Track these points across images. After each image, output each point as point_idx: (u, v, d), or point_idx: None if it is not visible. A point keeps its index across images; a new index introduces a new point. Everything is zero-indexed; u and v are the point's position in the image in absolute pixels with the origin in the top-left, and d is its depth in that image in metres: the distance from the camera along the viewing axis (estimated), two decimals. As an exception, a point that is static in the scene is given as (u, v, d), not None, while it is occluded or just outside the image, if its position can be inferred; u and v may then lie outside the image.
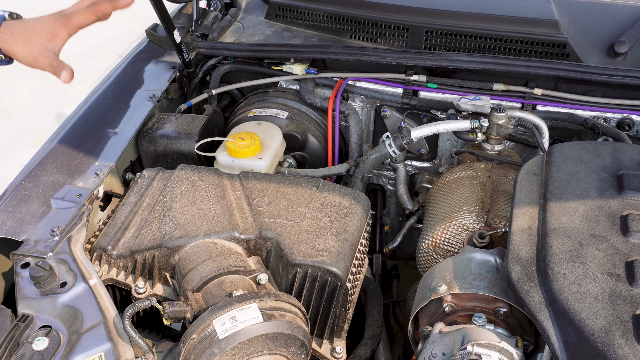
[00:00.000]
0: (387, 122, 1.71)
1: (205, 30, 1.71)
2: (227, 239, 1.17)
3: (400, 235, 1.77)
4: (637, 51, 1.49)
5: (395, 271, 1.91)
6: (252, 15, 1.80)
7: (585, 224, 1.07)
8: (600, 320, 0.90)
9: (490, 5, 1.56)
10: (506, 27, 1.50)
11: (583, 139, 1.60)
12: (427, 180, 1.74)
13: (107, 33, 5.47)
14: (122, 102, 1.51)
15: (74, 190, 1.29)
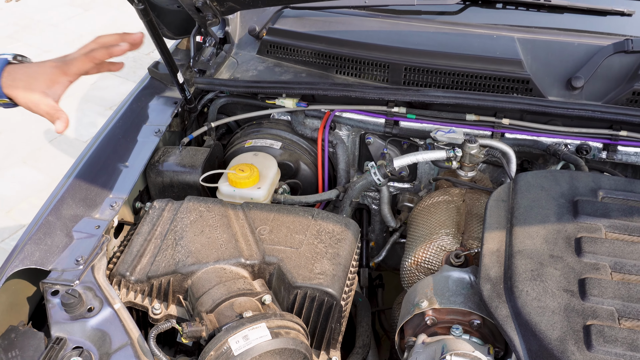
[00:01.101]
0: (371, 148, 1.87)
1: (202, 66, 1.86)
2: (234, 265, 1.32)
3: (385, 250, 1.93)
4: (592, 85, 1.67)
5: (380, 280, 2.07)
6: (245, 51, 1.95)
7: (545, 246, 1.24)
8: (556, 331, 1.08)
9: (462, 46, 1.73)
10: (476, 65, 1.68)
11: (547, 160, 1.79)
12: (408, 199, 1.91)
13: (90, 47, 5.57)
14: (130, 138, 1.65)
15: (93, 222, 1.43)
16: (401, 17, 1.90)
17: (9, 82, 1.25)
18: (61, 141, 4.32)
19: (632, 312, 1.10)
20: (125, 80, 5.19)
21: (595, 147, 1.68)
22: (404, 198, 1.91)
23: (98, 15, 6.13)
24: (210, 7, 1.67)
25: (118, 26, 5.86)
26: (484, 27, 1.83)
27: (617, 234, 1.27)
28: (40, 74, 1.27)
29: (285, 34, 1.86)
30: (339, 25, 1.87)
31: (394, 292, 2.13)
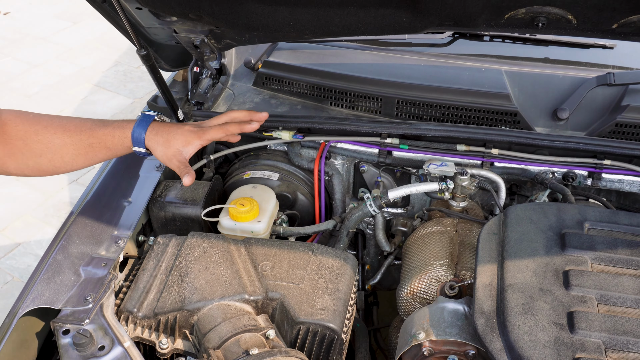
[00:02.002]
0: (365, 176, 1.94)
1: (200, 98, 1.92)
2: (238, 301, 1.38)
3: (380, 273, 1.99)
4: (577, 116, 1.75)
5: (374, 298, 2.14)
6: (241, 82, 2.01)
7: (535, 279, 1.31)
8: (547, 364, 1.14)
9: (451, 79, 1.80)
10: (466, 98, 1.75)
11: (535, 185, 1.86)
12: (402, 224, 1.97)
13: (81, 62, 5.59)
14: (132, 173, 1.70)
15: (99, 259, 1.48)
16: (392, 50, 1.97)
17: (151, 136, 1.44)
18: (53, 158, 4.34)
19: (618, 344, 1.17)
20: (115, 95, 5.22)
21: (580, 174, 1.75)
22: (398, 222, 1.97)
23: (87, 28, 6.15)
24: (208, 45, 1.73)
25: (107, 40, 5.89)
26: (472, 60, 1.90)
27: (603, 265, 1.34)
28: (178, 135, 1.46)
29: (280, 67, 1.92)
30: (332, 58, 1.93)
31: (388, 310, 2.21)
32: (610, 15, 1.41)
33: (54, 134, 1.42)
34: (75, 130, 1.43)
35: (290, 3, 1.46)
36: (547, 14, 1.42)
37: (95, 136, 1.44)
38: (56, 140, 1.42)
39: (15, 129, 1.40)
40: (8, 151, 1.40)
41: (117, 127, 1.45)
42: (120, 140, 1.45)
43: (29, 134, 1.41)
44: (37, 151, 1.41)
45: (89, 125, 1.45)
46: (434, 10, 1.42)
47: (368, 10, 1.46)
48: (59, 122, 1.44)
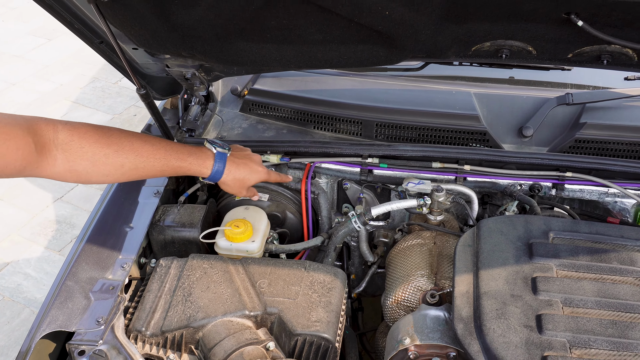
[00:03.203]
0: (348, 193, 2.08)
1: (190, 125, 2.04)
2: (239, 317, 1.50)
3: (365, 282, 2.12)
4: (540, 133, 1.92)
5: (359, 304, 2.28)
6: (229, 109, 2.13)
7: (506, 286, 1.46)
8: (520, 363, 1.29)
9: (425, 102, 1.95)
10: (439, 120, 1.90)
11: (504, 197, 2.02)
12: (383, 235, 2.11)
13: (58, 79, 5.64)
14: (132, 200, 1.82)
15: (108, 283, 1.59)
16: (369, 75, 2.12)
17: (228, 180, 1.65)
18: (37, 177, 4.40)
19: (581, 342, 1.32)
20: (94, 111, 5.29)
21: (545, 186, 1.91)
22: (379, 234, 2.12)
23: (62, 44, 6.19)
24: (198, 77, 1.85)
25: (83, 56, 5.94)
26: (443, 83, 2.06)
27: (566, 271, 1.50)
28: (253, 176, 1.69)
29: (265, 94, 2.06)
30: (314, 84, 2.07)
31: (372, 314, 2.35)
32: (566, 47, 1.57)
33: (126, 158, 1.46)
34: (149, 156, 1.49)
35: (277, 41, 1.60)
36: (509, 46, 1.58)
37: (169, 165, 1.53)
38: (127, 165, 1.47)
39: (80, 150, 1.40)
40: (69, 167, 1.40)
41: (194, 164, 1.57)
42: (194, 173, 1.60)
43: (97, 156, 1.43)
44: (104, 172, 1.45)
45: (162, 153, 1.51)
46: (408, 45, 1.57)
47: (348, 46, 1.60)
48: (130, 145, 1.47)
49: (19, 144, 1.28)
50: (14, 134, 1.27)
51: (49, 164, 1.37)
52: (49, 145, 1.36)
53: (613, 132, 1.87)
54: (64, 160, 1.39)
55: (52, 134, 1.37)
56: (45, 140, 1.35)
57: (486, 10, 1.44)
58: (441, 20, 1.48)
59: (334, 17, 1.45)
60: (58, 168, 1.39)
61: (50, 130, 1.37)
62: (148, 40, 1.57)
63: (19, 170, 1.31)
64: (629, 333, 1.33)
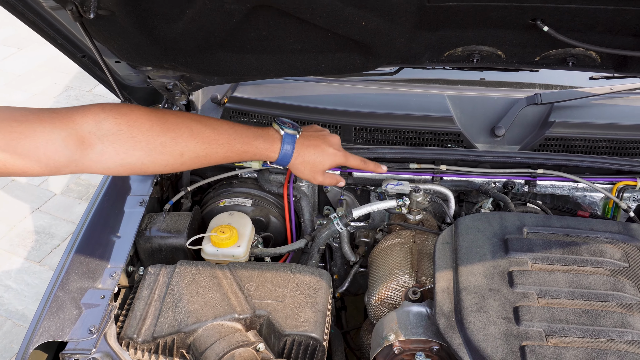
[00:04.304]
0: (329, 195, 2.13)
1: (172, 134, 2.07)
2: (229, 320, 1.55)
3: (347, 281, 2.18)
4: (511, 132, 2.00)
5: (342, 303, 2.34)
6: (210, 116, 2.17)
7: (484, 281, 1.53)
8: (499, 353, 1.35)
9: (401, 105, 2.02)
10: (415, 122, 1.97)
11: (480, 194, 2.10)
12: (364, 235, 2.17)
13: (31, 88, 5.60)
14: (118, 210, 1.85)
15: (98, 292, 1.63)
16: (346, 81, 2.18)
17: (298, 163, 1.53)
18: (14, 187, 4.39)
19: (556, 331, 1.40)
20: (69, 120, 5.26)
21: (518, 183, 1.99)
22: (361, 234, 2.18)
23: (34, 53, 6.14)
24: (180, 87, 1.89)
25: (54, 64, 5.90)
26: (418, 86, 2.13)
27: (541, 264, 1.57)
28: (326, 159, 1.57)
29: (245, 102, 2.10)
30: (293, 91, 2.12)
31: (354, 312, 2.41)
32: (533, 50, 1.65)
33: (186, 146, 1.33)
34: (211, 143, 1.37)
35: (256, 51, 1.65)
36: (480, 51, 1.65)
37: (233, 151, 1.41)
38: (188, 153, 1.34)
39: (132, 140, 1.26)
40: (121, 161, 1.28)
41: (260, 148, 1.44)
42: (260, 158, 1.47)
43: (153, 145, 1.29)
44: (162, 162, 1.32)
45: (225, 138, 1.38)
46: (384, 53, 1.63)
47: (326, 55, 1.66)
48: (189, 131, 1.33)
49: (49, 142, 1.17)
50: (41, 130, 1.16)
51: (95, 159, 1.26)
52: (89, 139, 1.23)
53: (580, 130, 1.96)
54: (114, 152, 1.27)
55: (92, 126, 1.24)
56: (84, 134, 1.23)
57: (457, 18, 1.51)
58: (415, 29, 1.54)
59: (312, 28, 1.50)
60: (107, 162, 1.28)
61: (89, 121, 1.24)
62: (131, 53, 1.61)
63: (60, 167, 1.21)
64: (600, 320, 1.41)
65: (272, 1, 1.38)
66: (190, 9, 1.42)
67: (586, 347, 1.36)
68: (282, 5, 1.40)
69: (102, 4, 1.35)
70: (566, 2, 1.41)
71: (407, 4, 1.40)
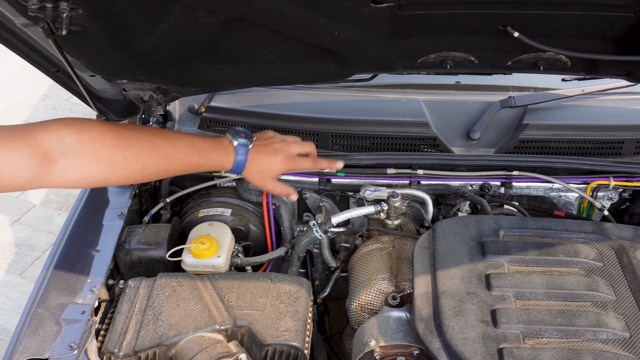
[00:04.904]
0: (308, 202, 2.14)
1: (150, 145, 2.07)
2: (210, 331, 1.55)
3: (329, 287, 2.20)
4: (487, 135, 2.02)
5: (325, 308, 2.35)
6: (187, 126, 2.17)
7: (462, 285, 1.55)
8: (478, 357, 1.37)
9: (377, 111, 2.04)
10: (391, 128, 1.99)
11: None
12: (345, 240, 2.18)
13: (6, 99, 5.54)
14: (97, 223, 1.84)
15: (77, 308, 1.62)
16: (322, 88, 2.19)
17: (250, 171, 1.57)
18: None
19: (532, 332, 1.42)
20: (47, 130, 5.21)
21: (495, 185, 2.02)
22: (341, 240, 2.19)
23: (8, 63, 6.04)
24: (156, 99, 1.89)
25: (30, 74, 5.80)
26: (393, 92, 2.15)
27: (517, 266, 1.60)
28: (275, 167, 1.60)
29: (222, 111, 2.11)
30: (270, 99, 2.13)
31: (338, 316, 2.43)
32: (505, 55, 1.68)
33: (147, 161, 1.39)
34: (170, 157, 1.43)
35: (231, 62, 1.65)
36: (453, 57, 1.68)
37: (190, 164, 1.48)
38: (149, 167, 1.40)
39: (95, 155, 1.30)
40: (84, 175, 1.31)
41: (216, 160, 1.51)
42: (216, 169, 1.55)
43: (116, 160, 1.34)
44: (124, 175, 1.37)
45: (184, 151, 1.45)
46: (358, 61, 1.64)
47: (300, 64, 1.67)
48: (150, 146, 1.39)
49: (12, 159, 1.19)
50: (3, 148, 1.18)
51: (58, 175, 1.27)
52: (52, 155, 1.25)
53: (553, 132, 1.99)
54: (77, 167, 1.29)
55: (54, 142, 1.25)
56: (47, 150, 1.24)
57: (429, 26, 1.53)
58: (388, 37, 1.56)
59: (286, 39, 1.51)
60: (70, 177, 1.29)
61: (51, 137, 1.25)
62: (105, 67, 1.61)
63: (23, 184, 1.23)
64: (575, 321, 1.44)
65: (245, 14, 1.39)
66: (163, 23, 1.42)
67: (562, 347, 1.39)
68: (255, 18, 1.41)
69: (75, 20, 1.34)
70: (534, 8, 1.44)
71: (379, 13, 1.42)
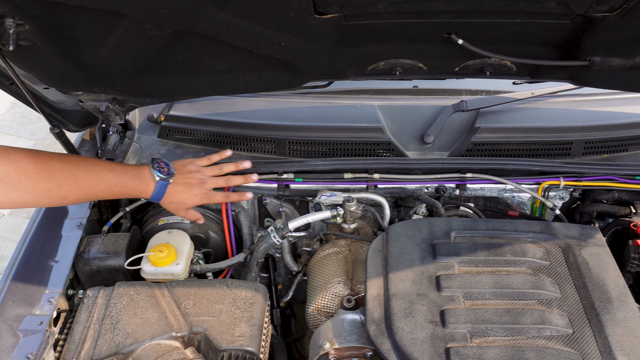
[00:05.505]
0: (269, 207, 2.18)
1: (110, 155, 2.08)
2: (167, 339, 1.57)
3: (292, 290, 2.23)
4: (440, 139, 2.07)
5: (291, 311, 2.38)
6: (147, 135, 2.19)
7: (413, 286, 1.59)
8: (426, 356, 1.41)
9: (333, 117, 2.08)
10: (347, 134, 2.03)
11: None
12: (306, 244, 2.22)
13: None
14: (55, 234, 1.85)
15: (35, 319, 1.63)
16: (280, 95, 2.22)
17: (167, 203, 1.77)
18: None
19: (479, 331, 1.46)
20: (16, 138, 5.19)
21: (450, 187, 2.07)
22: (302, 244, 2.22)
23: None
24: (113, 109, 1.91)
25: None
26: (350, 98, 2.19)
27: (467, 267, 1.64)
28: (190, 201, 1.79)
29: (181, 120, 2.13)
30: (228, 107, 2.16)
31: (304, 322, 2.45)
32: (452, 61, 1.72)
33: (69, 191, 1.50)
34: (92, 188, 1.56)
35: (184, 72, 1.68)
36: (402, 64, 1.72)
37: (111, 193, 1.62)
38: (71, 197, 1.53)
39: (19, 185, 1.41)
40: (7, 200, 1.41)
41: (135, 191, 1.66)
42: (135, 197, 1.70)
43: (39, 191, 1.44)
44: (46, 203, 1.51)
45: (105, 183, 1.59)
46: (308, 70, 1.68)
47: (252, 74, 1.70)
48: (73, 178, 1.51)
49: None
50: None
51: None
52: None
53: (504, 134, 2.05)
54: (1, 193, 1.40)
55: None
56: None
57: (376, 35, 1.57)
58: (336, 46, 1.59)
59: (235, 49, 1.54)
60: None
61: None
62: (58, 80, 1.62)
63: None
64: (520, 319, 1.49)
65: (192, 27, 1.41)
66: (112, 36, 1.45)
67: (507, 345, 1.43)
68: (202, 31, 1.43)
69: (22, 35, 1.36)
70: (476, 17, 1.48)
71: (324, 24, 1.45)
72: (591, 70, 1.63)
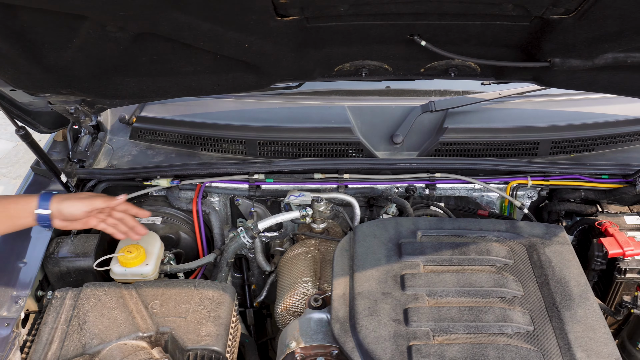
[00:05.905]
0: (241, 208, 2.19)
1: (81, 156, 2.09)
2: (134, 339, 1.58)
3: (265, 290, 2.24)
4: (409, 139, 2.09)
5: (267, 311, 2.40)
6: (118, 137, 2.20)
7: (378, 285, 1.61)
8: (388, 354, 1.43)
9: (303, 118, 2.10)
10: (317, 135, 2.05)
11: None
12: (279, 244, 2.23)
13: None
14: (25, 235, 1.85)
15: (2, 320, 1.64)
16: (251, 96, 2.24)
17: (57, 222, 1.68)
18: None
19: (442, 329, 1.48)
20: (-3, 140, 5.16)
21: (419, 187, 2.09)
22: (275, 244, 2.24)
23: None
24: (82, 111, 1.91)
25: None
26: (320, 99, 2.21)
27: (432, 266, 1.66)
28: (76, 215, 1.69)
29: (152, 121, 2.14)
30: (199, 108, 2.17)
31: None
32: (417, 63, 1.74)
33: None
34: None
35: (151, 74, 1.68)
36: (367, 65, 1.74)
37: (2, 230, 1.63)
38: None
39: None
40: None
41: (25, 224, 1.65)
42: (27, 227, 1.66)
43: None
44: None
45: None
46: (274, 71, 1.69)
47: (219, 75, 1.71)
48: None
49: None
50: None
51: None
52: None
53: (472, 134, 2.07)
54: None
55: None
56: None
57: (339, 36, 1.58)
58: (300, 48, 1.61)
59: (200, 51, 1.55)
60: None
61: None
62: (24, 82, 1.62)
63: None
64: (482, 316, 1.51)
65: (153, 29, 1.42)
66: (76, 38, 1.45)
67: (469, 342, 1.45)
68: (164, 33, 1.44)
69: (-17, 37, 1.36)
70: (436, 19, 1.50)
71: (286, 26, 1.46)
72: (552, 71, 1.65)
